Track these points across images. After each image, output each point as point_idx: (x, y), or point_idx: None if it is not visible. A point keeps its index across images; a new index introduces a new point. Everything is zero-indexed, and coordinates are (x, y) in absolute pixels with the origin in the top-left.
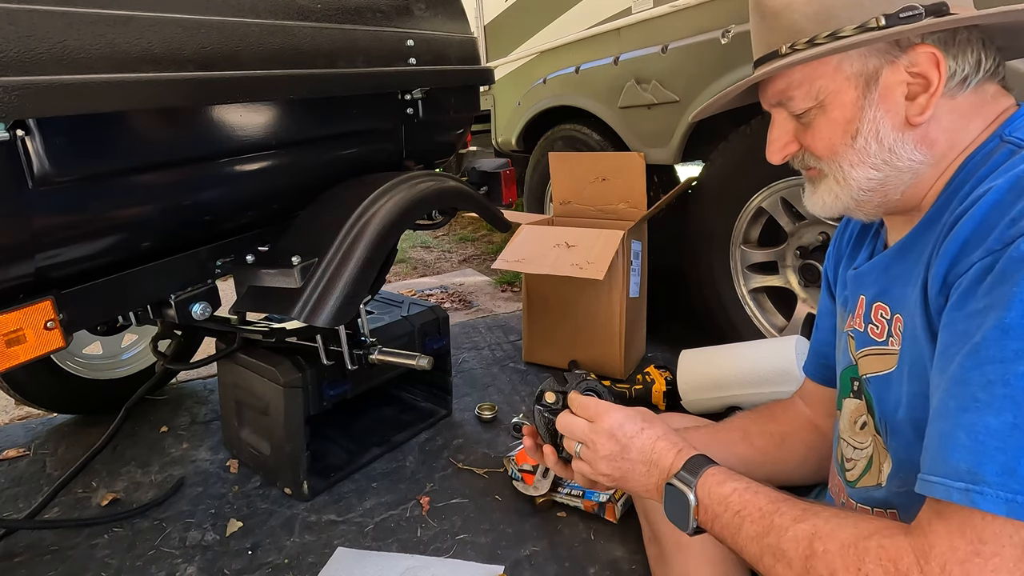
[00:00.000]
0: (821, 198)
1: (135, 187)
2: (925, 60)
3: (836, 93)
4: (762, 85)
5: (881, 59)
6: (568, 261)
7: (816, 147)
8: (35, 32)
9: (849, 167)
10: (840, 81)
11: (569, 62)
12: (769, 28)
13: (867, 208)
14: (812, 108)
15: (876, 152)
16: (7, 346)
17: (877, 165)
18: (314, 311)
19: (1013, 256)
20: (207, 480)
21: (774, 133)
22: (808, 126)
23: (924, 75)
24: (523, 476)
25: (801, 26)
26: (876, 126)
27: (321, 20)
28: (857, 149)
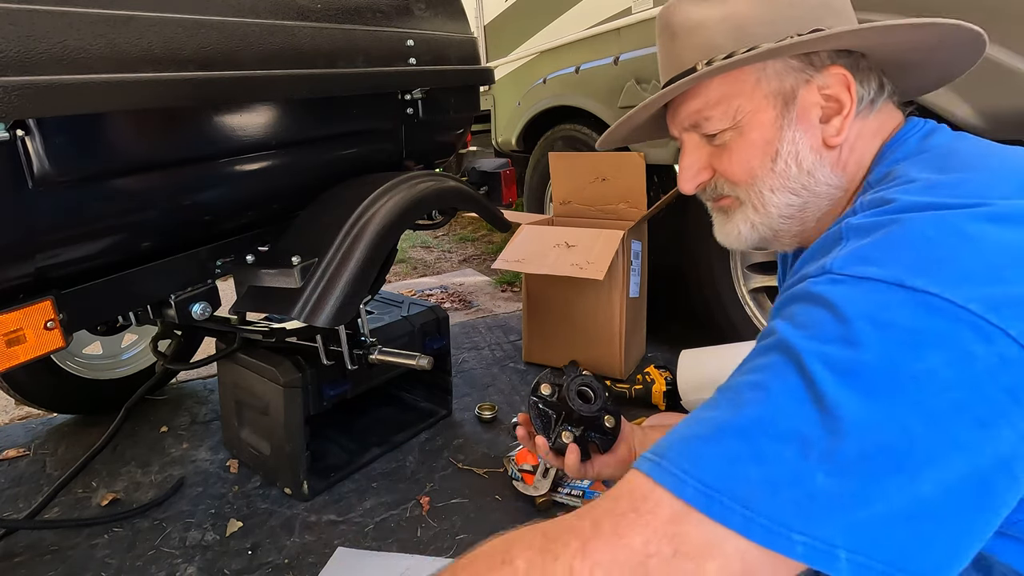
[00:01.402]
0: (736, 227)
1: (135, 187)
2: (837, 82)
3: (754, 112)
4: (674, 109)
5: (797, 78)
6: (568, 261)
7: (733, 171)
8: (35, 32)
9: (769, 192)
10: (758, 99)
11: (569, 62)
12: (683, 46)
13: (784, 238)
14: (728, 130)
15: (796, 176)
16: (7, 346)
17: (796, 190)
18: (314, 311)
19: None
20: (207, 480)
21: (686, 160)
22: (724, 149)
23: (836, 97)
24: (523, 476)
25: (718, 42)
26: (795, 147)
27: (321, 20)
28: (777, 172)
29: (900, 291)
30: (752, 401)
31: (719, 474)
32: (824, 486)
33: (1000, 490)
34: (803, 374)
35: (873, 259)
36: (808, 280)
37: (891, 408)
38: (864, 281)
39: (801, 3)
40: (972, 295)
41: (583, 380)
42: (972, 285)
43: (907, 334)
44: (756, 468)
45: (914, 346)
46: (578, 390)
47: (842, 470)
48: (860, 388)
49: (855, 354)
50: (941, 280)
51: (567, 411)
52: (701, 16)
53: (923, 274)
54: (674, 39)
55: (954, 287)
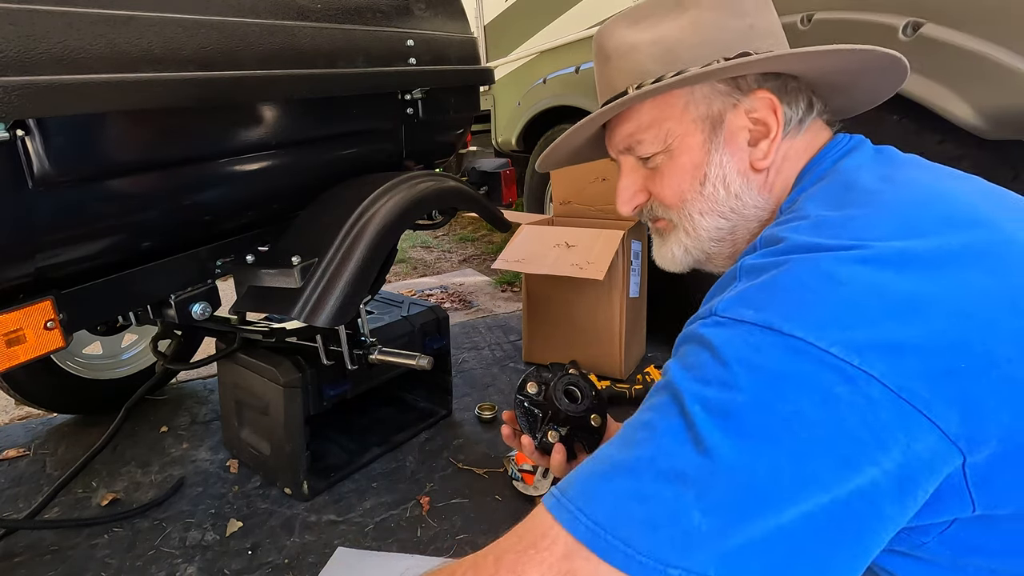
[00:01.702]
0: (671, 250)
1: (135, 187)
2: (763, 106)
3: (683, 136)
4: (610, 131)
5: (724, 102)
6: (568, 261)
7: (664, 195)
8: (35, 32)
9: (699, 215)
10: (687, 123)
11: (569, 62)
12: (615, 70)
13: (717, 261)
14: (660, 153)
15: (724, 199)
16: (7, 346)
17: (725, 213)
18: (314, 311)
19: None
20: (207, 480)
21: (623, 182)
22: (656, 172)
23: (763, 121)
24: (523, 476)
25: (647, 67)
26: (723, 171)
27: (321, 20)
28: (706, 196)
29: (771, 335)
30: (641, 441)
31: (607, 512)
32: (699, 523)
33: (865, 521)
34: (684, 415)
35: (753, 302)
36: (698, 321)
37: (760, 447)
38: (740, 324)
39: (729, 27)
40: (835, 339)
41: (570, 379)
42: (837, 329)
43: (776, 377)
44: (639, 506)
45: (782, 388)
46: (565, 389)
47: (716, 507)
48: (733, 429)
49: (730, 396)
50: (808, 324)
51: (553, 410)
52: (633, 40)
53: (792, 319)
54: (607, 62)
55: (818, 331)
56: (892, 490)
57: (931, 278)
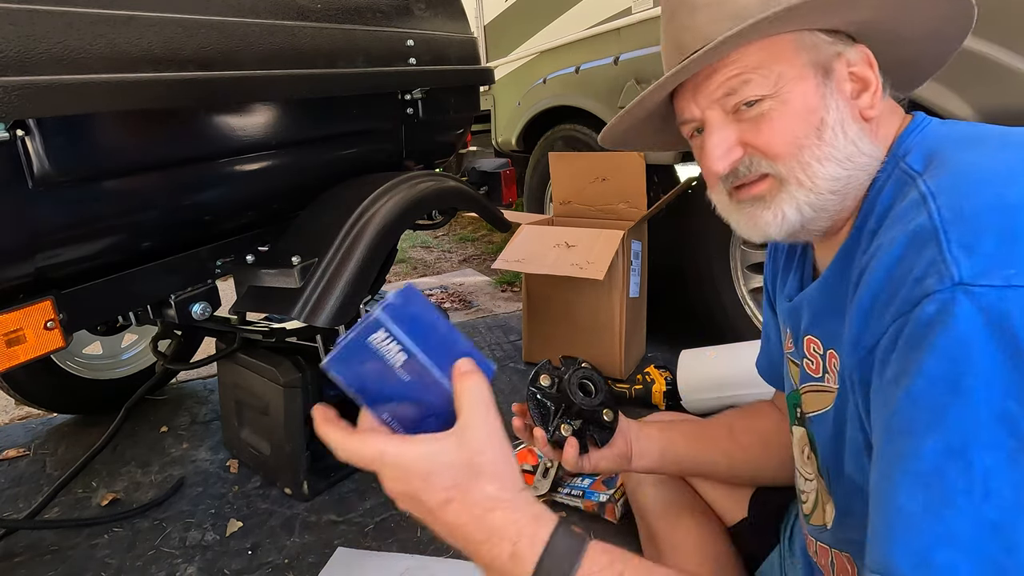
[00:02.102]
0: (780, 211)
1: (135, 187)
2: (862, 60)
3: (797, 80)
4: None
5: (830, 51)
6: (568, 261)
7: (774, 143)
8: (35, 32)
9: (817, 163)
10: (800, 67)
11: (569, 62)
12: (707, 19)
13: (821, 221)
14: (768, 98)
15: (843, 145)
16: (7, 346)
17: (842, 161)
18: (314, 311)
19: (920, 319)
20: (207, 480)
21: (715, 137)
22: (761, 121)
23: (861, 76)
24: (523, 476)
25: (746, 9)
26: (840, 115)
27: (321, 20)
28: (825, 141)
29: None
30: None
31: None
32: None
33: None
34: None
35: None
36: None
37: None
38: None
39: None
40: None
41: (584, 373)
42: None
43: None
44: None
45: None
46: (579, 383)
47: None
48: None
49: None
50: None
51: (567, 404)
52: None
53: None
54: (694, 12)
55: None
56: None
57: None
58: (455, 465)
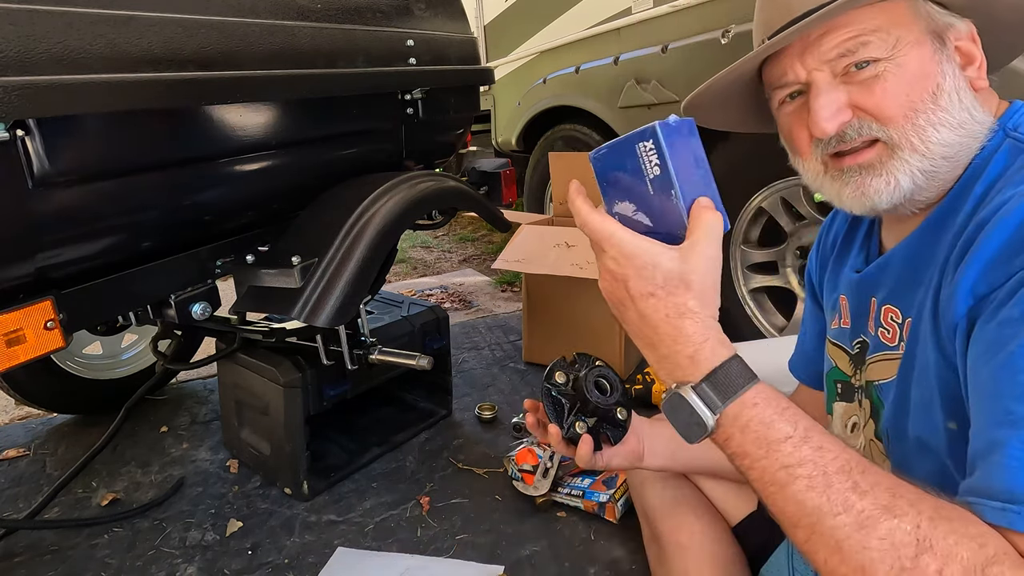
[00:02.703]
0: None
1: (135, 187)
2: (967, 36)
3: (915, 44)
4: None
5: (943, 20)
6: (568, 261)
7: (887, 106)
8: (35, 32)
9: (932, 128)
10: (917, 33)
11: (569, 62)
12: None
13: (929, 192)
14: (883, 60)
15: (958, 111)
16: (7, 346)
17: (955, 127)
18: (314, 311)
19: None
20: (207, 480)
21: (824, 98)
22: (875, 83)
23: (967, 51)
24: (523, 476)
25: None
26: (956, 82)
27: (321, 20)
28: (941, 106)
29: None
30: None
31: None
32: None
33: None
34: None
35: None
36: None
37: None
38: None
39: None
40: None
41: (600, 372)
42: None
43: None
44: None
45: None
46: (595, 381)
47: None
48: None
49: None
50: None
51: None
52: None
53: None
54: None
55: None
56: None
57: None
58: (671, 272)
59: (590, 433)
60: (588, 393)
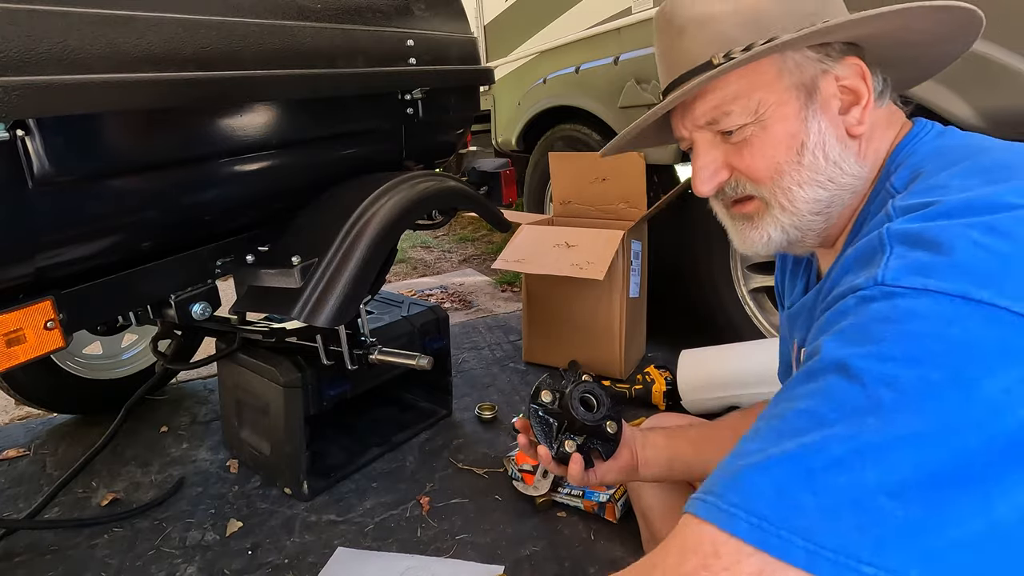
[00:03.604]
0: (765, 232)
1: (135, 187)
2: (853, 72)
3: (778, 105)
4: (684, 108)
5: (816, 68)
6: (568, 261)
7: (756, 167)
8: (35, 32)
9: (797, 187)
10: (780, 92)
11: (569, 62)
12: (692, 41)
13: (809, 239)
14: (750, 124)
15: (823, 168)
16: (7, 346)
17: (823, 183)
18: (314, 311)
19: (839, 308)
20: (207, 480)
21: (702, 160)
22: (744, 146)
23: (853, 88)
24: (523, 476)
25: (734, 35)
26: (822, 138)
27: (321, 20)
28: (805, 165)
29: (965, 304)
30: (803, 429)
31: (773, 505)
32: (889, 509)
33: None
34: (865, 397)
35: (930, 270)
36: (856, 294)
37: (965, 431)
38: (924, 294)
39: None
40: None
41: (585, 387)
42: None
43: (978, 351)
44: (811, 496)
45: (987, 364)
46: (581, 398)
47: (907, 492)
48: (931, 411)
49: (923, 373)
50: (1007, 292)
51: (569, 419)
52: (711, 10)
53: (987, 285)
54: (681, 34)
55: (1019, 298)
56: None
57: None
58: None
59: (580, 450)
60: (574, 411)
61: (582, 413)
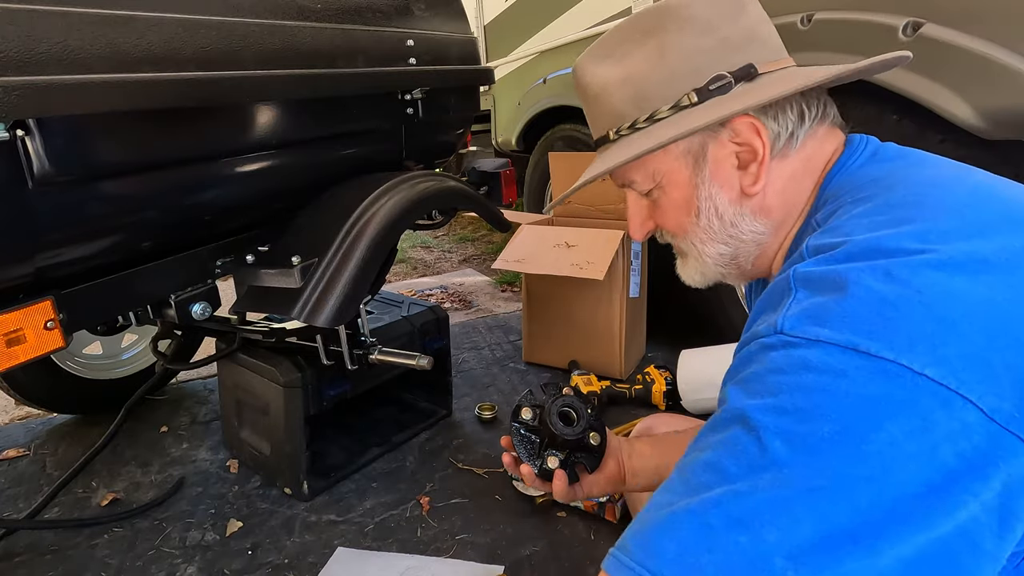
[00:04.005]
0: (689, 273)
1: (135, 187)
2: (745, 130)
3: (670, 173)
4: None
5: (704, 136)
6: (568, 261)
7: (668, 225)
8: (35, 32)
9: (701, 244)
10: (670, 162)
11: (569, 62)
12: (594, 112)
13: (731, 279)
14: (654, 189)
15: (719, 228)
16: (7, 346)
17: (724, 240)
18: (314, 311)
19: (744, 355)
20: (207, 480)
21: (630, 212)
22: (656, 205)
23: (748, 143)
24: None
25: (620, 110)
26: (713, 203)
27: (321, 20)
28: (703, 227)
29: (856, 357)
30: (705, 483)
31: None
32: (783, 571)
33: (964, 561)
34: (760, 451)
35: (826, 319)
36: (758, 341)
37: (851, 484)
38: (816, 345)
39: (698, 49)
40: (928, 358)
41: (564, 401)
42: (927, 347)
43: (867, 404)
44: (710, 556)
45: (875, 417)
46: (559, 412)
47: (801, 551)
48: (820, 466)
49: (814, 427)
50: (896, 343)
51: (550, 435)
52: (604, 78)
53: (877, 337)
54: (587, 103)
55: (909, 351)
56: (992, 523)
57: (1005, 283)
58: None
59: (563, 465)
60: (553, 427)
61: (561, 428)
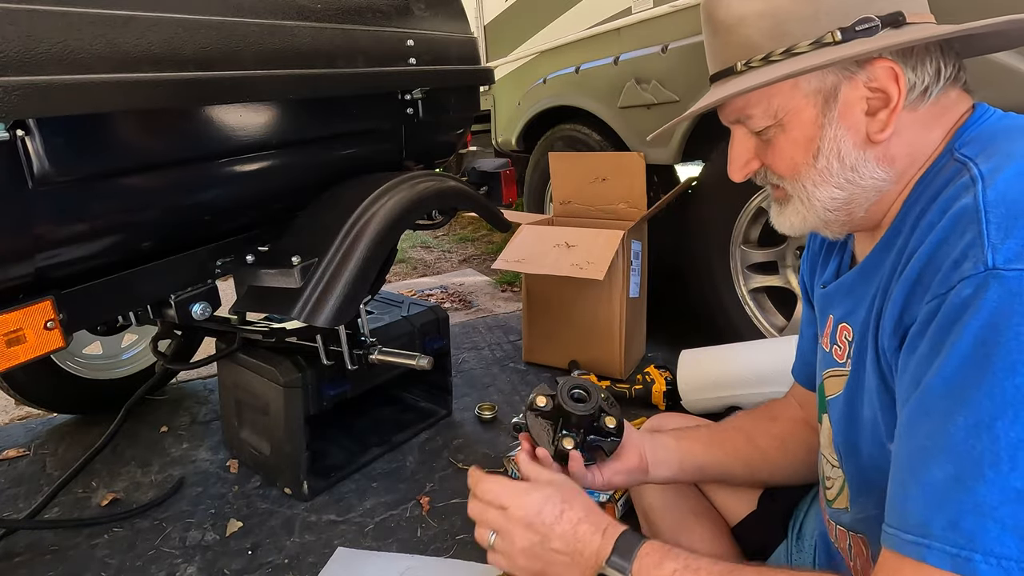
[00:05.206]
0: (788, 219)
1: (135, 187)
2: (884, 75)
3: (795, 112)
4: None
5: (839, 75)
6: (568, 261)
7: (778, 166)
8: (35, 32)
9: (812, 187)
10: (798, 99)
11: (569, 62)
12: (723, 43)
13: (834, 227)
14: (772, 126)
15: (838, 171)
16: (7, 346)
17: (840, 184)
18: (314, 311)
19: (954, 302)
20: (207, 480)
21: (735, 150)
22: (769, 143)
23: (883, 90)
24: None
25: (755, 42)
26: (837, 145)
27: (321, 20)
28: (819, 169)
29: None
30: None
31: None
32: None
33: None
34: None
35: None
36: (963, 283)
37: None
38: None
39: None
40: None
41: (574, 382)
42: None
43: None
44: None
45: None
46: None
47: None
48: None
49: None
50: None
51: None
52: (742, 10)
53: None
54: (716, 34)
55: None
56: None
57: None
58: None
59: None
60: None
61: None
